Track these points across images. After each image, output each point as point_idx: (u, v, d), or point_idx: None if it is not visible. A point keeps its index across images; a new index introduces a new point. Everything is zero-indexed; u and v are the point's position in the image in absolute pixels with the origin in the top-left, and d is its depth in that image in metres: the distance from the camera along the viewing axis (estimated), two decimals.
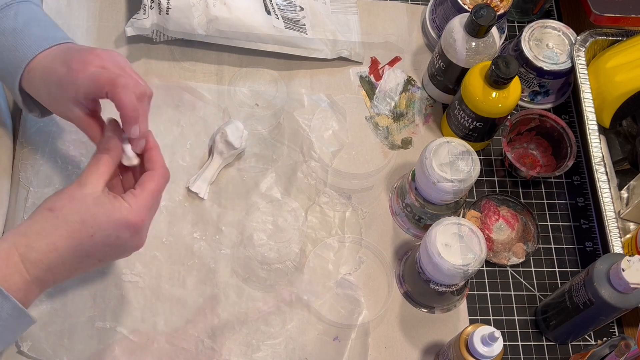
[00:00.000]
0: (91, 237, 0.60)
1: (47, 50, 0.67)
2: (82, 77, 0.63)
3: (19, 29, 0.68)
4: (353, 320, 0.78)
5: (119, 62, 0.65)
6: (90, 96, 0.65)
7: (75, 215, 0.59)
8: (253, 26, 0.86)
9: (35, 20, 0.70)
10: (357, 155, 0.87)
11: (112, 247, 0.61)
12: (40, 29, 0.69)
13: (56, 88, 0.65)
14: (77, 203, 0.60)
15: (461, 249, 0.71)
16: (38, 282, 0.59)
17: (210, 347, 0.74)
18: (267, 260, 0.79)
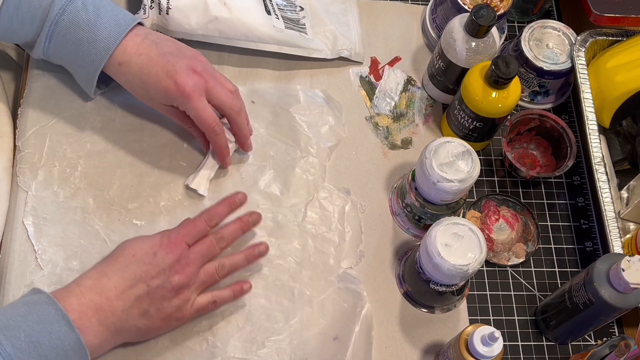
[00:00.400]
0: (133, 256, 0.68)
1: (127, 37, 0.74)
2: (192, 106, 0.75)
3: (92, 19, 0.73)
4: (356, 314, 0.78)
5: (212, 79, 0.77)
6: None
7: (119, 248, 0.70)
8: (253, 26, 0.86)
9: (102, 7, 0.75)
10: (357, 155, 0.88)
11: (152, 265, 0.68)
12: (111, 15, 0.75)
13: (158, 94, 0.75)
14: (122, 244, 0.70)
15: (461, 249, 0.71)
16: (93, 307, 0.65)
17: (214, 345, 0.75)
18: (268, 256, 0.79)
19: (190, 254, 0.70)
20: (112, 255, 0.69)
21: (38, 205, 0.77)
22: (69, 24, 0.73)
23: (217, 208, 0.74)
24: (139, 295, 0.67)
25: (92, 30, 0.73)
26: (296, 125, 0.87)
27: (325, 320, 0.78)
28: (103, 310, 0.65)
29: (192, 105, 0.74)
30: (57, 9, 0.73)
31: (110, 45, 0.73)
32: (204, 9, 0.84)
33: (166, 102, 0.76)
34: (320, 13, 0.93)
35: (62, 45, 0.74)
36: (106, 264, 0.68)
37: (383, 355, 0.78)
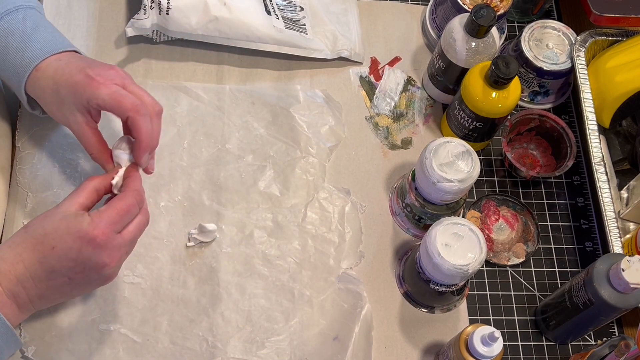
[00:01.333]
0: (53, 249, 0.61)
1: (57, 55, 0.69)
2: (105, 92, 0.66)
3: (27, 32, 0.70)
4: (356, 315, 0.78)
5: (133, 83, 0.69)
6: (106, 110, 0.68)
7: (40, 229, 0.62)
8: (253, 26, 0.86)
9: (43, 26, 0.71)
10: (357, 155, 0.88)
11: (76, 263, 0.61)
12: (49, 35, 0.71)
13: (67, 91, 0.67)
14: (45, 218, 0.62)
15: (461, 249, 0.71)
16: (10, 295, 0.61)
17: (214, 346, 0.75)
18: (268, 257, 0.79)
19: (122, 241, 0.63)
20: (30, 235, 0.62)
21: (38, 206, 0.77)
22: (1, 32, 0.69)
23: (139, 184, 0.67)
24: (59, 284, 0.62)
25: (24, 41, 0.69)
26: (296, 126, 0.87)
27: (325, 320, 0.78)
28: (20, 297, 0.61)
29: (104, 91, 0.66)
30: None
31: (37, 56, 0.69)
32: (204, 9, 0.84)
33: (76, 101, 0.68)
34: (320, 13, 0.93)
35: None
36: (23, 245, 0.61)
37: (383, 355, 0.78)
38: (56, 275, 0.62)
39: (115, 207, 0.63)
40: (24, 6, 0.71)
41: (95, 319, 0.74)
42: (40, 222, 0.62)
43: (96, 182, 0.66)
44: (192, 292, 0.77)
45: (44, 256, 0.61)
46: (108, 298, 0.75)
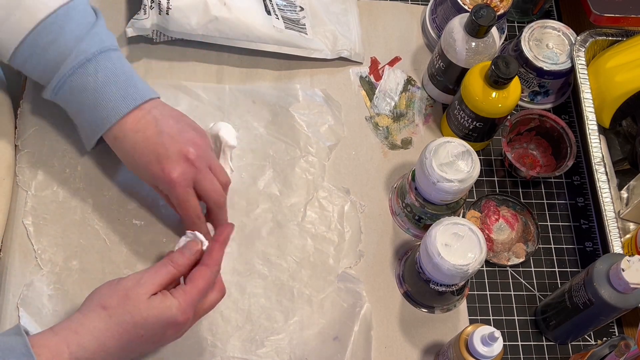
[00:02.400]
0: (141, 337, 0.62)
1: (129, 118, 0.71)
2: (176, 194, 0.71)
3: (99, 88, 0.71)
4: (355, 314, 0.78)
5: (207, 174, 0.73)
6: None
7: (128, 317, 0.61)
8: (253, 26, 0.86)
9: (114, 77, 0.72)
10: (357, 155, 0.87)
11: (157, 342, 0.64)
12: (119, 87, 0.72)
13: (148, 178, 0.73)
14: (130, 304, 0.62)
15: (461, 249, 0.71)
16: None
17: (214, 345, 0.74)
18: (268, 256, 0.79)
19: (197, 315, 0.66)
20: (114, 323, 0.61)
21: (38, 205, 0.77)
22: (74, 87, 0.71)
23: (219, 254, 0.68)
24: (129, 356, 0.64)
25: (96, 99, 0.71)
26: (295, 125, 0.87)
27: (324, 319, 0.78)
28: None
29: (175, 194, 0.71)
30: (67, 69, 0.71)
31: (110, 118, 0.71)
32: (204, 9, 0.84)
33: (153, 184, 0.74)
34: (320, 13, 0.93)
35: (67, 103, 0.73)
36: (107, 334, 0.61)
37: (383, 355, 0.78)
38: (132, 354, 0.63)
39: (199, 289, 0.64)
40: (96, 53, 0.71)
41: None
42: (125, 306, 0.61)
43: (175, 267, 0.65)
44: None
45: (129, 342, 0.62)
46: None
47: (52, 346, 0.59)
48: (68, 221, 0.77)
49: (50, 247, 0.76)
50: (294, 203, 0.83)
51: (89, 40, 0.72)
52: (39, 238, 0.76)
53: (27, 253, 0.75)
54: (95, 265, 0.76)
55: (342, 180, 0.85)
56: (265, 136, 0.86)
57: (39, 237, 0.76)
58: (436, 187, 0.75)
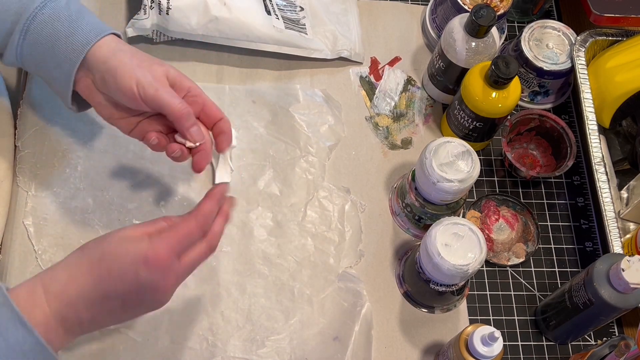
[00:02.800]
0: (109, 272, 0.59)
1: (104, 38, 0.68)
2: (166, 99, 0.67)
3: (73, 16, 0.68)
4: (356, 313, 0.78)
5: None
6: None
7: (98, 250, 0.60)
8: (253, 26, 0.86)
9: (85, 11, 0.70)
10: (357, 155, 0.88)
11: (131, 285, 0.59)
12: (93, 18, 0.70)
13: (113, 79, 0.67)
14: (103, 240, 0.60)
15: (461, 249, 0.71)
16: (59, 318, 0.58)
17: (214, 345, 0.75)
18: (268, 256, 0.79)
19: (180, 267, 0.61)
20: (86, 257, 0.60)
21: (38, 206, 0.77)
22: (47, 18, 0.67)
23: (207, 206, 0.65)
24: (112, 308, 0.60)
25: (72, 26, 0.67)
26: (295, 125, 0.87)
27: (325, 319, 0.78)
28: (69, 320, 0.59)
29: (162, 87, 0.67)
30: (38, 2, 0.68)
31: (89, 39, 0.67)
32: (204, 9, 0.84)
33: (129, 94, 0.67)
34: (320, 13, 0.93)
35: (37, 43, 0.68)
36: (78, 266, 0.59)
37: (383, 355, 0.78)
38: (110, 298, 0.59)
39: (176, 231, 0.61)
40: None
41: None
42: (99, 244, 0.60)
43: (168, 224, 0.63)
44: (192, 291, 0.77)
45: (100, 278, 0.59)
46: None
47: (29, 284, 0.59)
48: (68, 221, 0.77)
49: (51, 248, 0.76)
50: (294, 203, 0.83)
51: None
52: (39, 239, 0.76)
53: (28, 254, 0.75)
54: None
55: (342, 180, 0.85)
56: (266, 136, 0.86)
57: (40, 237, 0.76)
58: (436, 187, 0.75)
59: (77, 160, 0.80)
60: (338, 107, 0.89)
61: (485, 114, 0.83)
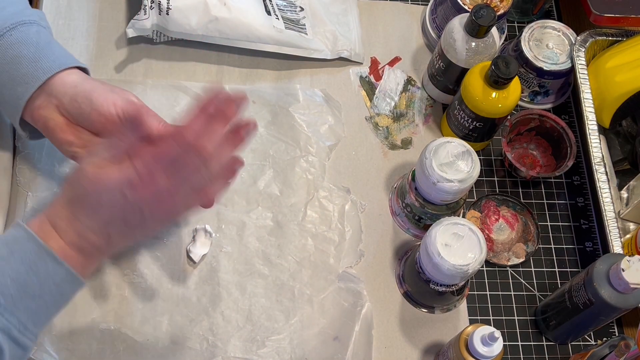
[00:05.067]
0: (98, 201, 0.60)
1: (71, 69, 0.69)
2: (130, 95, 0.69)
3: (41, 44, 0.69)
4: (356, 313, 0.78)
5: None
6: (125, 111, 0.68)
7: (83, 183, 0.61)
8: (253, 27, 0.86)
9: (55, 43, 0.71)
10: (357, 155, 0.88)
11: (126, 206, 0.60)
12: (62, 50, 0.71)
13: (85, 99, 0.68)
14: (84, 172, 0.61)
15: (461, 249, 0.71)
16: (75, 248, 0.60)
17: (215, 345, 0.75)
18: (268, 256, 0.79)
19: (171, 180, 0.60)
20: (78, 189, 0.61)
21: (38, 206, 0.77)
22: (14, 41, 0.68)
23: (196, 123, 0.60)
24: (118, 231, 0.62)
25: (38, 52, 0.68)
26: (295, 125, 0.87)
27: (325, 319, 0.78)
28: (85, 248, 0.61)
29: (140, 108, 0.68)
30: (8, 23, 0.68)
31: (53, 67, 0.68)
32: (204, 9, 0.84)
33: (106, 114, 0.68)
34: (320, 13, 0.93)
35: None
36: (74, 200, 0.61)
37: (383, 355, 0.78)
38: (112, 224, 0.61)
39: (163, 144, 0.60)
40: (37, 22, 0.71)
41: (95, 318, 0.74)
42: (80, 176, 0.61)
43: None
44: (192, 291, 0.77)
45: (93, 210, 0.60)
46: (109, 298, 0.75)
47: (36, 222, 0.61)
48: None
49: None
50: (294, 203, 0.83)
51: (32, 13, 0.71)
52: None
53: None
54: None
55: (342, 180, 0.85)
56: (266, 136, 0.86)
57: None
58: (436, 187, 0.75)
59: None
60: (338, 107, 0.89)
61: (485, 114, 0.83)
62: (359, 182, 0.86)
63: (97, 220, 0.61)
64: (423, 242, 0.74)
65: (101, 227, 0.61)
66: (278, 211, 0.82)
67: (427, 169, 0.75)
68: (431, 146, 0.76)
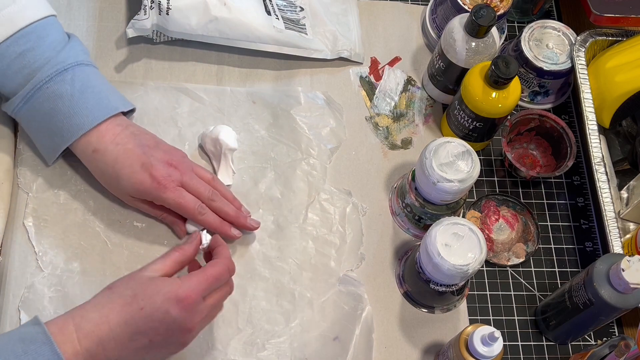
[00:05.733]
0: (141, 310, 0.61)
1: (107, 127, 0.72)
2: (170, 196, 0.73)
3: (76, 95, 0.71)
4: (357, 317, 0.78)
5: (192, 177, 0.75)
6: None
7: (129, 290, 0.62)
8: (253, 27, 0.86)
9: (90, 87, 0.73)
10: (357, 156, 0.88)
11: (161, 323, 0.62)
12: (95, 97, 0.73)
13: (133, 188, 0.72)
14: (133, 280, 0.63)
15: (461, 249, 0.71)
16: (88, 356, 0.60)
17: (214, 347, 0.75)
18: (269, 258, 0.79)
19: (205, 307, 0.65)
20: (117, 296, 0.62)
21: (39, 207, 0.77)
22: (50, 94, 0.71)
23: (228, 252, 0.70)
24: (140, 346, 0.62)
25: (72, 106, 0.71)
26: (297, 127, 0.87)
27: (325, 322, 0.78)
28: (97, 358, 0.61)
29: (168, 195, 0.72)
30: (44, 75, 0.71)
31: (85, 125, 0.71)
32: (204, 9, 0.84)
33: (139, 196, 0.74)
34: (321, 13, 0.93)
35: (36, 112, 0.72)
36: (110, 306, 0.62)
37: (383, 355, 0.78)
38: (139, 336, 0.62)
39: (206, 273, 0.65)
40: (73, 64, 0.72)
41: None
42: (128, 283, 0.63)
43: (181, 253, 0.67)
44: None
45: (131, 317, 0.61)
46: None
47: (60, 322, 0.61)
48: (69, 223, 0.77)
49: (51, 249, 0.76)
50: (295, 205, 0.82)
51: (67, 52, 0.73)
52: (39, 240, 0.76)
53: (28, 255, 0.75)
54: (96, 267, 0.76)
55: (341, 180, 0.85)
56: (267, 138, 0.86)
57: (40, 239, 0.76)
58: (436, 187, 0.75)
59: (79, 162, 0.80)
60: (340, 110, 0.89)
61: (485, 114, 0.83)
62: (359, 182, 0.86)
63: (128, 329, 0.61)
64: (423, 242, 0.74)
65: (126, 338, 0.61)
66: (279, 214, 0.82)
67: (427, 169, 0.75)
68: (431, 146, 0.76)
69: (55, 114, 0.72)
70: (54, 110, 0.72)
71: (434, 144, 0.76)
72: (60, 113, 0.72)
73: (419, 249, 0.75)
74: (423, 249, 0.73)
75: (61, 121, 0.72)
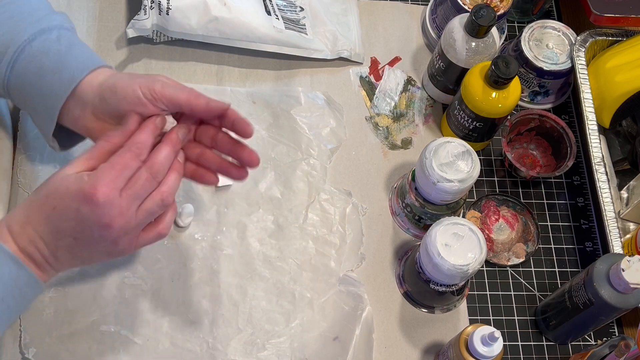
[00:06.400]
0: (54, 209, 0.60)
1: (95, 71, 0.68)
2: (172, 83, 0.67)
3: (62, 51, 0.68)
4: (357, 317, 0.78)
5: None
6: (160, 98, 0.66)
7: (43, 190, 0.61)
8: (253, 27, 0.86)
9: (78, 45, 0.70)
10: (357, 156, 0.88)
11: (77, 222, 0.59)
12: (84, 52, 0.69)
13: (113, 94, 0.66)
14: (49, 180, 0.61)
15: (461, 249, 0.72)
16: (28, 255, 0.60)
17: (215, 348, 0.75)
18: (269, 259, 0.79)
19: (122, 200, 0.60)
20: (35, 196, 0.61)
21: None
22: (36, 52, 0.67)
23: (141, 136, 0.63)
24: (67, 245, 0.61)
25: (60, 60, 0.67)
26: (297, 127, 0.87)
27: (325, 322, 0.78)
28: (34, 257, 0.61)
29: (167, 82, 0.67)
30: (27, 34, 0.67)
31: (76, 76, 0.67)
32: (204, 9, 0.84)
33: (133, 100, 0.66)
34: (321, 13, 0.93)
35: (24, 77, 0.68)
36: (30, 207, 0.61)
37: (383, 355, 0.78)
38: (61, 235, 0.60)
39: (112, 163, 0.60)
40: (57, 26, 0.70)
41: (96, 320, 0.74)
42: (46, 184, 0.61)
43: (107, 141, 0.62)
44: (193, 293, 0.77)
45: (47, 216, 0.60)
46: (109, 300, 0.75)
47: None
48: None
49: None
50: (296, 205, 0.83)
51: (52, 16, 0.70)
52: None
53: None
54: (95, 267, 0.76)
55: (341, 180, 0.85)
56: (267, 139, 0.86)
57: None
58: (436, 187, 0.75)
59: None
60: (340, 110, 0.89)
61: (485, 114, 0.83)
62: (359, 182, 0.86)
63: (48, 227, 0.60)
64: (423, 242, 0.74)
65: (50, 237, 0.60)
66: (279, 214, 0.82)
67: (427, 169, 0.75)
68: (431, 146, 0.76)
69: (44, 73, 0.67)
70: (42, 69, 0.67)
71: (434, 144, 0.76)
72: (49, 70, 0.67)
73: (419, 249, 0.75)
74: (423, 249, 0.73)
75: (51, 77, 0.67)
